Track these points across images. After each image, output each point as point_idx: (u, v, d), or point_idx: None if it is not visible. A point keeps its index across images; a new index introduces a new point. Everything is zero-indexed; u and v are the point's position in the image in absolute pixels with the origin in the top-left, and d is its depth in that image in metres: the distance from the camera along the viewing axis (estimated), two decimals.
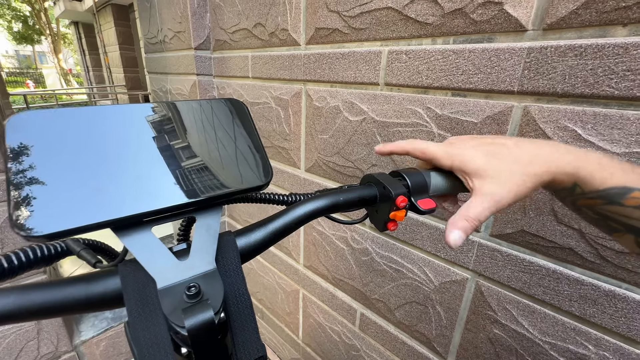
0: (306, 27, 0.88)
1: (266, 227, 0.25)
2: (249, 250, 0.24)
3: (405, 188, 0.30)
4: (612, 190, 0.27)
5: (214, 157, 0.24)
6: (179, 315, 0.18)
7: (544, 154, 0.29)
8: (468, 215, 0.30)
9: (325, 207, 0.27)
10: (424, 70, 0.67)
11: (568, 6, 0.48)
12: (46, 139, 0.19)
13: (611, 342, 0.54)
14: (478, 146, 0.31)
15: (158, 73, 1.59)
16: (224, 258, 0.22)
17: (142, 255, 0.19)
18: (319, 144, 0.96)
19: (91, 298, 0.19)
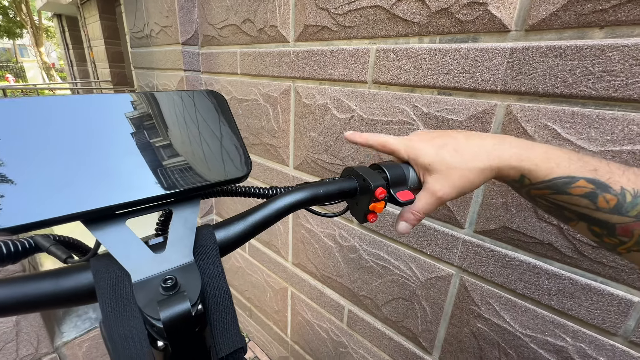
0: (295, 24, 0.88)
1: (245, 220, 0.25)
2: (228, 243, 0.24)
3: (385, 180, 0.30)
4: (559, 179, 0.28)
5: (192, 148, 0.24)
6: (154, 308, 0.17)
7: (488, 148, 0.30)
8: (413, 209, 0.33)
9: (305, 199, 0.27)
10: (411, 68, 0.67)
11: (548, 8, 0.49)
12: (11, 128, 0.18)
13: (587, 333, 0.56)
14: (432, 140, 0.33)
15: (144, 68, 1.56)
16: (202, 251, 0.21)
17: (116, 249, 0.19)
18: (307, 142, 0.96)
19: (61, 293, 0.18)
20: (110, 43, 5.88)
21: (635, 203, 0.26)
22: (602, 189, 0.28)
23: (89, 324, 1.39)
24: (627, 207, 0.27)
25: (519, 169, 0.30)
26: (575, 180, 0.28)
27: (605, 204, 0.27)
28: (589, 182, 0.28)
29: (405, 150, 0.34)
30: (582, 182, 0.28)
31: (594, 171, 0.28)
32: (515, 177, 0.31)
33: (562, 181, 0.29)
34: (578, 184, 0.28)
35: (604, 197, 0.27)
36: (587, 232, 0.30)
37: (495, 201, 0.62)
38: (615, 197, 0.27)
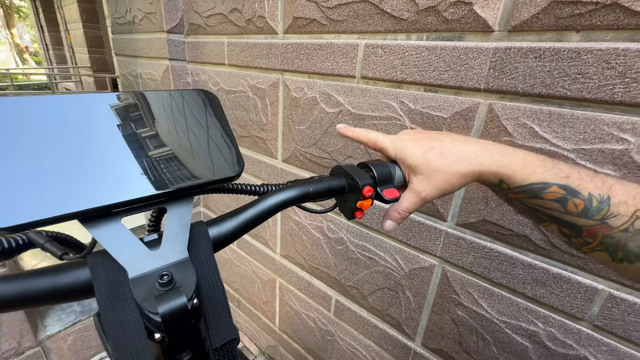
0: (284, 16, 0.87)
1: (238, 217, 0.26)
2: (221, 239, 0.25)
3: (372, 179, 0.32)
4: (534, 185, 0.31)
5: (185, 148, 0.24)
6: (152, 302, 0.18)
7: (471, 154, 0.33)
8: (398, 208, 0.35)
9: (296, 197, 0.29)
10: (399, 65, 0.68)
11: (530, 10, 0.51)
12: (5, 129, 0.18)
13: (557, 319, 0.60)
14: (420, 141, 0.34)
15: (127, 56, 1.51)
16: (196, 247, 0.22)
17: (112, 246, 0.19)
18: (296, 135, 0.96)
19: (60, 289, 0.19)
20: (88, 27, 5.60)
21: (600, 208, 0.29)
22: (572, 194, 0.30)
23: (73, 317, 1.37)
24: (593, 211, 0.29)
25: (498, 175, 0.32)
26: (549, 186, 0.31)
27: (575, 208, 0.30)
28: (560, 188, 0.31)
29: (393, 150, 0.35)
30: (555, 188, 0.30)
31: (566, 178, 0.31)
32: (494, 181, 0.33)
33: (536, 187, 0.31)
34: (551, 190, 0.31)
35: (573, 202, 0.30)
36: (558, 233, 0.33)
37: (476, 196, 0.64)
38: (583, 202, 0.30)
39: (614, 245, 0.29)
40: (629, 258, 0.29)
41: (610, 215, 0.29)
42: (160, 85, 1.33)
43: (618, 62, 0.46)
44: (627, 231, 0.28)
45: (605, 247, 0.30)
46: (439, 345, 0.80)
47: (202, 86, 1.24)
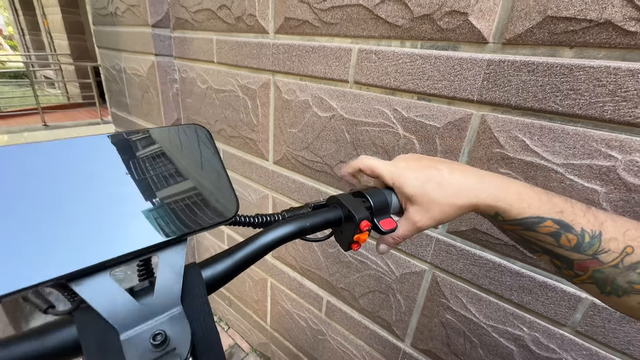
0: (275, 15, 0.85)
1: (233, 257, 0.25)
2: (216, 281, 0.24)
3: (368, 210, 0.31)
4: (529, 219, 0.31)
5: (179, 192, 0.23)
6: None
7: (469, 186, 0.33)
8: (395, 235, 0.36)
9: (293, 233, 0.28)
10: (392, 72, 0.68)
11: (525, 24, 0.51)
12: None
13: (541, 324, 0.62)
14: (417, 170, 0.34)
15: (110, 49, 1.44)
16: (189, 294, 0.22)
17: (101, 304, 0.18)
18: (287, 137, 0.95)
19: (47, 352, 0.18)
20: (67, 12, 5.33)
21: (592, 243, 0.30)
22: (566, 229, 0.30)
23: None
24: (585, 246, 0.30)
25: (494, 208, 0.32)
26: (544, 221, 0.31)
27: (567, 242, 0.30)
28: (554, 223, 0.31)
29: (390, 177, 0.35)
30: (549, 223, 0.31)
31: (560, 213, 0.31)
32: (490, 213, 0.33)
33: (531, 220, 0.31)
34: (545, 224, 0.31)
35: (566, 237, 0.30)
36: (550, 263, 0.33)
37: None
38: (576, 237, 0.30)
39: (603, 280, 0.30)
40: (617, 292, 0.30)
41: (601, 251, 0.30)
42: (145, 80, 1.28)
43: (609, 80, 0.47)
44: (617, 267, 0.29)
45: (595, 280, 0.30)
46: (427, 346, 0.82)
47: (191, 83, 1.21)
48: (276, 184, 1.05)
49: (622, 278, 0.29)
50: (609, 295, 0.31)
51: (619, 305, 0.31)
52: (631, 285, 0.29)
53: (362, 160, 0.38)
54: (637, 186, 0.48)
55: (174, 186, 0.23)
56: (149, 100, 1.31)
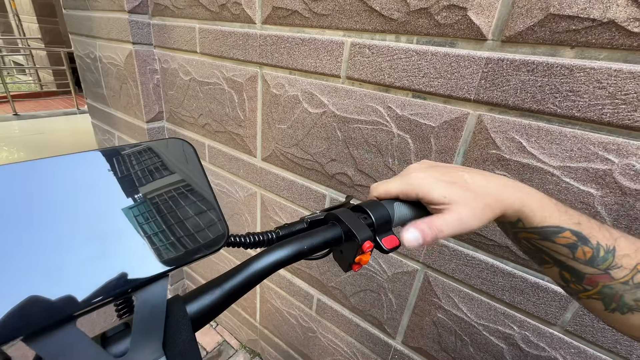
0: (262, 5, 0.80)
1: (222, 287, 0.22)
2: (203, 315, 0.21)
3: (370, 228, 0.29)
4: (549, 228, 0.30)
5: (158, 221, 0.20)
6: None
7: (494, 190, 0.30)
8: (432, 224, 0.30)
9: (289, 257, 0.25)
10: (387, 68, 0.65)
11: (526, 21, 0.49)
12: None
13: (532, 323, 0.63)
14: (438, 176, 0.32)
15: (83, 35, 1.34)
16: (173, 335, 0.19)
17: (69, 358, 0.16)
18: (276, 134, 0.91)
19: None
20: None
21: (606, 258, 0.29)
22: (583, 241, 0.29)
23: None
24: (599, 260, 0.29)
25: (519, 213, 0.31)
26: (563, 231, 0.30)
27: (583, 255, 0.29)
28: (573, 234, 0.30)
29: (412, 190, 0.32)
30: (568, 234, 0.30)
31: (578, 224, 0.30)
32: (512, 219, 0.32)
33: (551, 230, 0.30)
34: (564, 235, 0.30)
35: (582, 249, 0.29)
36: (557, 276, 0.32)
37: None
38: (592, 250, 0.29)
39: (611, 296, 0.29)
40: (622, 309, 0.29)
41: (614, 267, 0.29)
42: (123, 70, 1.20)
43: (609, 83, 0.45)
44: (627, 284, 0.29)
45: (603, 296, 0.30)
46: (418, 344, 0.83)
47: (172, 75, 1.14)
48: (264, 181, 1.02)
49: (629, 295, 0.29)
50: (613, 312, 0.30)
51: (621, 323, 0.30)
52: (637, 303, 0.29)
53: (376, 189, 0.34)
54: (632, 190, 0.47)
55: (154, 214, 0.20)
56: (128, 92, 1.24)
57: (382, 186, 0.34)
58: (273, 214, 1.05)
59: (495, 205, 0.30)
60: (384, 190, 0.33)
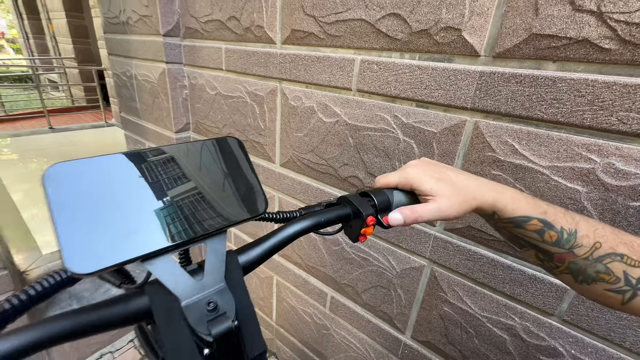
0: (282, 27, 0.90)
1: (262, 246, 0.31)
2: (249, 264, 0.30)
3: (373, 208, 0.37)
4: (519, 218, 0.37)
5: (221, 193, 0.28)
6: (204, 326, 0.23)
7: (473, 188, 0.38)
8: (414, 210, 0.38)
9: (310, 226, 0.33)
10: (393, 81, 0.73)
11: (513, 40, 0.56)
12: (79, 187, 0.22)
13: (531, 314, 0.68)
14: (429, 172, 0.39)
15: (121, 56, 1.50)
16: (230, 275, 0.27)
17: (166, 279, 0.24)
18: (293, 141, 1.00)
19: (127, 315, 0.23)
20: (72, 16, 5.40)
21: (569, 239, 0.35)
22: (548, 227, 0.36)
23: None
24: (564, 242, 0.36)
25: (493, 207, 0.38)
26: (531, 220, 0.37)
27: (550, 238, 0.36)
28: (539, 222, 0.37)
29: (407, 182, 0.40)
30: (535, 221, 0.37)
31: (544, 213, 0.37)
32: (488, 212, 0.39)
33: (521, 219, 0.37)
34: (532, 222, 0.37)
35: (549, 234, 0.36)
36: (534, 257, 0.39)
37: None
38: (557, 234, 0.36)
39: (577, 270, 0.36)
40: (587, 280, 0.36)
41: (576, 246, 0.35)
42: (156, 86, 1.34)
43: (587, 91, 0.52)
44: (588, 259, 0.35)
45: (571, 270, 0.36)
46: (427, 337, 0.87)
47: (200, 90, 1.26)
48: (282, 185, 1.11)
49: (591, 268, 0.35)
50: (581, 283, 0.36)
51: (589, 292, 0.36)
52: (598, 275, 0.35)
53: (380, 180, 0.43)
54: (614, 186, 0.53)
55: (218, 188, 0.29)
56: (159, 106, 1.37)
57: (384, 178, 0.42)
58: None
59: (472, 200, 0.38)
60: (386, 181, 0.41)
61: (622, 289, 0.35)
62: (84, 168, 0.23)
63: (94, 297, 1.49)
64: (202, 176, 0.28)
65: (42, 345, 0.20)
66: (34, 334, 0.20)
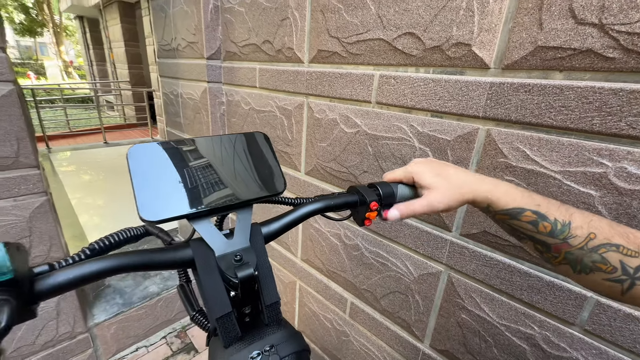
0: (309, 48, 1.00)
1: (280, 221, 0.37)
2: (269, 235, 0.36)
3: (378, 196, 0.42)
4: (513, 210, 0.40)
5: (249, 174, 0.36)
6: (232, 271, 0.30)
7: (469, 182, 0.42)
8: (409, 206, 0.43)
9: (321, 208, 0.39)
10: (409, 93, 0.79)
11: (520, 52, 0.60)
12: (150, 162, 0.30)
13: (551, 323, 0.66)
14: (430, 169, 0.44)
15: (170, 77, 1.70)
16: (254, 239, 0.34)
17: (206, 235, 0.31)
18: (318, 151, 1.08)
19: (175, 260, 0.30)
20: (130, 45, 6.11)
21: (563, 230, 0.38)
22: (542, 218, 0.39)
23: (116, 309, 1.54)
24: (558, 232, 0.38)
25: (487, 200, 0.42)
26: (524, 211, 0.40)
27: (544, 229, 0.39)
28: (533, 213, 0.40)
29: (410, 175, 0.45)
30: (528, 213, 0.40)
31: (538, 206, 0.40)
32: (483, 205, 0.43)
33: (515, 211, 0.40)
34: (526, 214, 0.40)
35: (542, 224, 0.39)
36: (533, 249, 0.42)
37: (476, 210, 0.72)
38: (550, 225, 0.38)
39: (574, 260, 0.38)
40: (585, 270, 0.38)
41: (570, 236, 0.38)
42: (198, 103, 1.50)
43: (595, 98, 0.54)
44: (583, 249, 0.37)
45: (568, 261, 0.38)
46: (445, 346, 0.87)
47: (235, 105, 1.40)
48: (307, 192, 1.18)
49: (587, 258, 0.37)
50: (580, 273, 0.38)
51: (589, 282, 0.38)
52: (594, 264, 0.37)
53: (387, 174, 0.48)
54: (628, 190, 0.53)
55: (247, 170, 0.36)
56: (200, 120, 1.53)
57: (391, 173, 0.47)
58: (313, 221, 1.19)
59: (466, 193, 0.42)
60: (392, 176, 0.47)
61: (620, 278, 0.36)
62: (154, 148, 0.31)
63: (134, 293, 1.63)
64: (236, 160, 0.36)
65: (120, 269, 0.27)
66: (116, 261, 0.27)
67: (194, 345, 1.64)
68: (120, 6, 5.80)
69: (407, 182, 0.45)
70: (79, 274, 0.25)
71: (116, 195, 3.18)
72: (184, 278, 0.40)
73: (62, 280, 0.25)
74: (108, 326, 1.50)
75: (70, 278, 0.25)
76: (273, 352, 0.29)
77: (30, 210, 1.12)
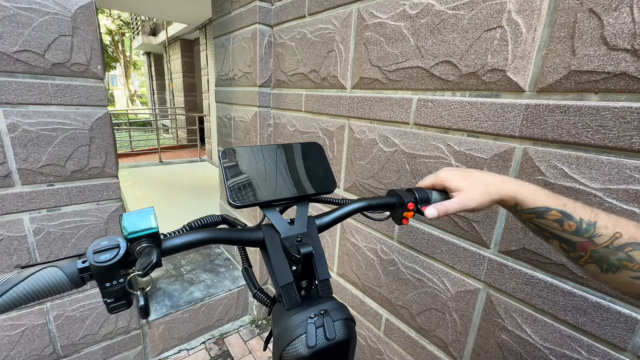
0: (352, 76, 1.11)
1: (330, 215, 0.45)
2: (322, 226, 0.44)
3: (414, 199, 0.48)
4: (540, 208, 0.43)
5: (307, 175, 0.45)
6: (295, 249, 0.37)
7: (497, 182, 0.46)
8: (443, 205, 0.48)
9: (363, 207, 0.46)
10: (446, 115, 0.84)
11: (554, 76, 0.64)
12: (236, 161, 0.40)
13: (600, 348, 0.64)
14: (458, 173, 0.49)
15: (225, 103, 1.92)
16: (309, 228, 0.41)
17: (274, 221, 0.40)
18: (357, 169, 1.15)
19: (250, 239, 0.39)
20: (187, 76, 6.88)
21: (588, 229, 0.40)
22: (567, 217, 0.42)
23: (165, 310, 1.67)
24: (583, 231, 0.40)
25: (515, 199, 0.45)
26: (550, 210, 0.43)
27: (569, 227, 0.41)
28: (558, 212, 0.43)
29: (439, 182, 0.51)
30: (554, 212, 0.43)
31: (563, 205, 0.43)
32: (511, 203, 0.46)
33: (541, 209, 0.44)
34: (552, 213, 0.43)
35: (568, 223, 0.42)
36: (560, 249, 0.44)
37: (515, 226, 0.74)
38: (575, 224, 0.41)
39: (600, 258, 0.39)
40: (612, 269, 0.39)
41: (595, 235, 0.40)
42: (248, 125, 1.67)
43: (633, 118, 0.56)
44: (608, 247, 0.39)
45: (594, 259, 0.40)
46: None
47: (282, 127, 1.54)
48: None
49: (613, 256, 0.39)
50: (607, 272, 0.40)
51: (617, 281, 0.39)
52: (621, 262, 0.38)
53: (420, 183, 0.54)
54: None
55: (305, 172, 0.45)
56: (249, 140, 1.69)
57: (423, 180, 0.53)
58: (350, 235, 1.25)
59: (494, 192, 0.46)
60: (424, 182, 0.52)
61: None
62: (240, 151, 0.41)
63: (181, 297, 1.76)
64: (298, 164, 0.45)
65: (213, 240, 0.36)
66: (212, 234, 0.36)
67: (230, 353, 1.70)
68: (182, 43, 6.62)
69: (438, 187, 0.51)
70: (186, 240, 0.35)
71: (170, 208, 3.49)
72: (247, 263, 0.48)
73: (177, 243, 0.34)
74: (157, 325, 1.63)
75: (182, 242, 0.34)
76: (327, 315, 0.35)
77: (108, 213, 1.31)
